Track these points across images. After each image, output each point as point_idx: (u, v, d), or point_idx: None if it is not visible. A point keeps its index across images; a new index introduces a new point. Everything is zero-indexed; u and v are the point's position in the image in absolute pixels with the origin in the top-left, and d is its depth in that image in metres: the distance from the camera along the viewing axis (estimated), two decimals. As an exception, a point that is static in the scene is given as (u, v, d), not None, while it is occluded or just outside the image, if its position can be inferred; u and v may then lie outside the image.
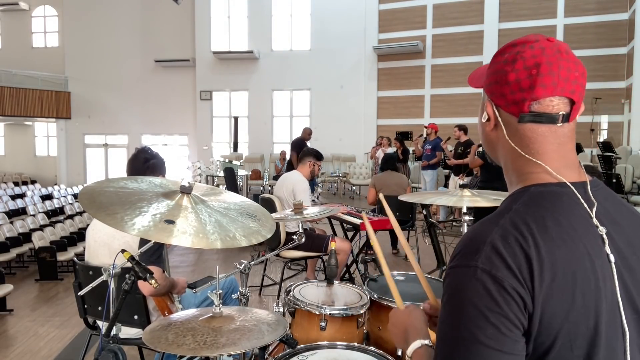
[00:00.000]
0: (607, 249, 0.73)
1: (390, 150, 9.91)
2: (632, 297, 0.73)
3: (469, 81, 0.95)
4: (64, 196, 11.78)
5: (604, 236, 0.74)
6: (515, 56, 0.81)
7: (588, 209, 0.76)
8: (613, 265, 0.73)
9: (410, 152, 10.96)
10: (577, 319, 0.69)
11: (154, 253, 2.02)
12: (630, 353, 0.72)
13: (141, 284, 1.97)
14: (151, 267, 1.88)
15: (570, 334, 0.69)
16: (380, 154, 10.09)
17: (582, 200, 0.77)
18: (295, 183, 4.09)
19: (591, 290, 0.70)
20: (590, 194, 0.78)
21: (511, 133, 0.82)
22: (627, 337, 0.72)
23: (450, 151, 8.05)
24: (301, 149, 8.26)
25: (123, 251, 1.48)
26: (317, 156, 4.27)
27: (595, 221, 0.75)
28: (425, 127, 8.77)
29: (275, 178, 9.62)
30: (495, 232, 0.73)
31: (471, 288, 0.70)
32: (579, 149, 9.86)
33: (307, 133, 9.25)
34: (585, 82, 0.81)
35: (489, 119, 0.85)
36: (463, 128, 7.72)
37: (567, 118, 0.79)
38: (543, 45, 0.80)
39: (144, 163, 2.30)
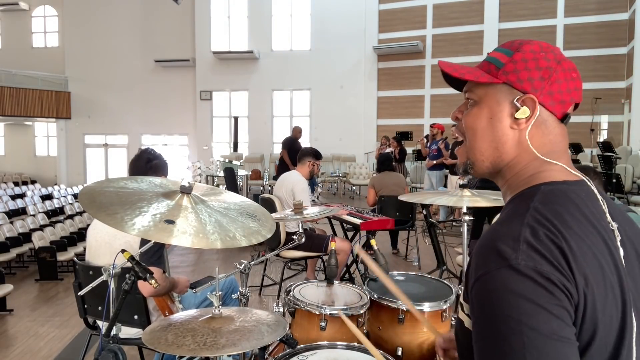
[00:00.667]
0: (618, 243, 0.74)
1: (389, 150, 9.89)
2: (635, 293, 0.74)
3: (442, 66, 0.88)
4: (64, 196, 11.78)
5: (616, 231, 0.74)
6: (556, 56, 0.81)
7: (602, 205, 0.77)
8: (623, 260, 0.73)
9: (410, 152, 10.97)
10: (610, 311, 0.69)
11: (155, 254, 2.02)
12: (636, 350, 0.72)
13: (141, 284, 1.97)
14: (151, 268, 1.89)
15: (606, 326, 0.69)
16: None
17: (597, 196, 0.77)
18: (294, 183, 4.09)
19: (616, 283, 0.71)
20: (595, 191, 0.78)
21: (539, 133, 0.81)
22: (634, 331, 0.72)
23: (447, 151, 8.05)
24: (292, 147, 8.26)
25: (123, 251, 1.48)
26: (316, 156, 4.27)
27: (608, 217, 0.76)
28: (432, 126, 8.76)
29: (275, 178, 9.60)
30: (524, 230, 0.71)
31: (521, 286, 0.67)
32: (579, 149, 9.86)
33: (298, 132, 9.20)
34: None
35: (527, 117, 0.80)
36: None
37: (569, 118, 0.82)
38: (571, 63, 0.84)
39: (147, 163, 2.31)
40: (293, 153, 8.19)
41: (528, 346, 0.65)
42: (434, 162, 8.22)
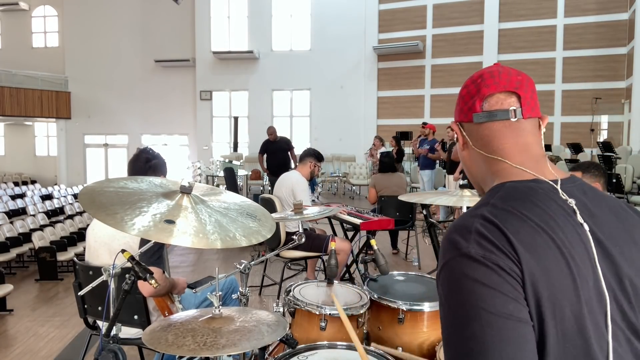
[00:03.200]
0: (590, 239, 0.76)
1: (384, 149, 9.83)
2: (614, 291, 0.75)
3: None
4: (64, 196, 11.78)
5: (585, 225, 0.77)
6: (473, 79, 0.93)
7: (566, 201, 0.79)
8: (595, 256, 0.75)
9: (410, 152, 10.98)
10: (561, 300, 0.71)
11: (154, 254, 2.02)
12: (613, 349, 0.73)
13: (141, 284, 1.97)
14: (151, 268, 1.89)
15: (556, 309, 0.71)
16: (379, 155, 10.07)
17: (561, 193, 0.80)
18: (294, 183, 4.09)
19: (580, 270, 0.73)
20: (560, 190, 0.81)
21: (474, 139, 0.91)
22: (610, 328, 0.73)
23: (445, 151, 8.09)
24: (265, 149, 8.15)
25: (123, 251, 1.48)
26: (318, 157, 4.28)
27: (579, 217, 0.78)
28: (423, 126, 8.79)
29: (270, 177, 9.53)
30: (477, 221, 0.76)
31: (475, 272, 0.71)
32: (579, 149, 9.86)
33: (268, 132, 8.40)
34: (533, 85, 0.90)
35: (457, 139, 0.95)
36: None
37: (520, 113, 0.86)
38: (487, 69, 0.93)
39: (146, 163, 2.30)
40: (269, 155, 8.16)
41: (487, 329, 0.68)
42: (421, 152, 8.34)
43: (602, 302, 0.73)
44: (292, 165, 7.86)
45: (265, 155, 8.33)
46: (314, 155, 4.26)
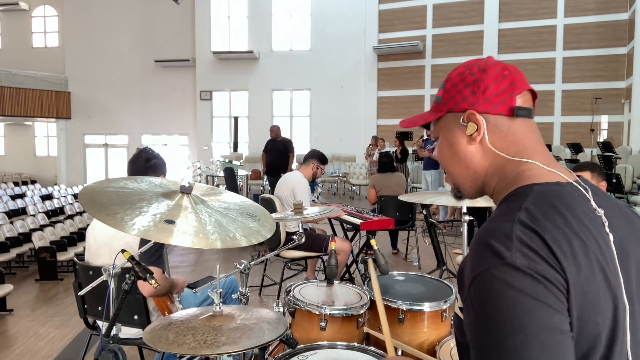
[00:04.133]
0: (612, 242, 0.75)
1: (384, 150, 9.88)
2: (632, 299, 0.74)
3: (403, 125, 1.02)
4: (64, 196, 11.78)
5: (610, 236, 0.75)
6: (480, 67, 0.86)
7: (593, 205, 0.77)
8: (616, 259, 0.74)
9: (410, 152, 10.98)
10: (603, 308, 0.71)
11: (154, 254, 2.02)
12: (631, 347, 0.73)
13: (141, 284, 1.97)
14: (151, 268, 1.89)
15: (598, 313, 0.70)
16: (376, 156, 10.08)
17: (588, 197, 0.78)
18: (295, 183, 4.09)
19: (610, 281, 0.72)
20: (589, 196, 0.79)
21: (498, 137, 0.84)
22: (628, 337, 0.72)
23: None
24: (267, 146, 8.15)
25: (123, 251, 1.48)
26: (322, 160, 4.27)
27: (603, 219, 0.76)
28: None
29: (269, 178, 9.52)
30: (516, 227, 0.72)
31: (521, 283, 0.67)
32: (579, 149, 9.87)
33: (269, 130, 8.53)
34: None
35: (476, 130, 0.84)
36: None
37: (533, 113, 0.86)
38: (496, 61, 0.89)
39: (146, 162, 2.30)
40: (268, 154, 8.15)
41: (531, 341, 0.66)
42: (425, 154, 8.34)
43: (623, 311, 0.73)
44: (290, 168, 7.81)
45: (266, 154, 8.33)
46: (317, 157, 4.26)
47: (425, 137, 8.86)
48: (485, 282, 0.70)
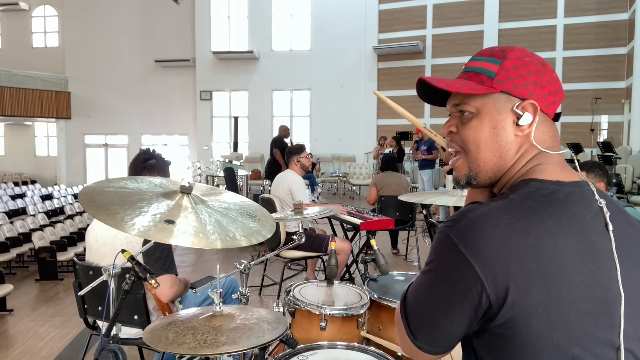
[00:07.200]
0: (613, 245, 0.74)
1: (387, 151, 9.90)
2: (630, 284, 0.75)
3: (434, 83, 0.84)
4: (64, 196, 11.78)
5: (611, 233, 0.75)
6: (539, 59, 0.84)
7: (600, 206, 0.78)
8: (617, 259, 0.74)
9: (409, 152, 11.00)
10: (560, 309, 0.70)
11: (166, 260, 2.03)
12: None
13: (158, 292, 1.99)
14: (167, 275, 1.98)
15: (550, 322, 0.70)
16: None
17: (597, 197, 0.79)
18: (290, 183, 4.09)
19: (584, 283, 0.71)
20: (595, 192, 0.80)
21: (540, 134, 0.83)
22: (622, 334, 0.72)
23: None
24: (281, 146, 8.21)
25: (123, 251, 1.48)
26: (297, 150, 4.25)
27: (605, 210, 0.77)
28: (414, 133, 8.87)
29: (267, 177, 9.54)
30: (481, 211, 0.76)
31: (442, 250, 0.77)
32: (579, 149, 9.86)
33: (283, 130, 8.92)
34: None
35: (529, 122, 0.81)
36: None
37: None
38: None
39: (143, 162, 2.32)
40: (283, 152, 8.16)
41: (422, 286, 0.81)
42: (423, 156, 8.39)
43: (617, 301, 0.73)
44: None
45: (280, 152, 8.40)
46: (292, 152, 4.26)
47: (416, 140, 8.91)
48: (436, 234, 0.81)
